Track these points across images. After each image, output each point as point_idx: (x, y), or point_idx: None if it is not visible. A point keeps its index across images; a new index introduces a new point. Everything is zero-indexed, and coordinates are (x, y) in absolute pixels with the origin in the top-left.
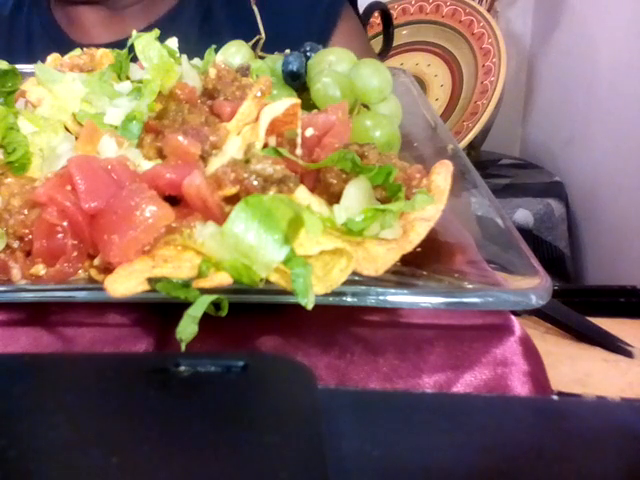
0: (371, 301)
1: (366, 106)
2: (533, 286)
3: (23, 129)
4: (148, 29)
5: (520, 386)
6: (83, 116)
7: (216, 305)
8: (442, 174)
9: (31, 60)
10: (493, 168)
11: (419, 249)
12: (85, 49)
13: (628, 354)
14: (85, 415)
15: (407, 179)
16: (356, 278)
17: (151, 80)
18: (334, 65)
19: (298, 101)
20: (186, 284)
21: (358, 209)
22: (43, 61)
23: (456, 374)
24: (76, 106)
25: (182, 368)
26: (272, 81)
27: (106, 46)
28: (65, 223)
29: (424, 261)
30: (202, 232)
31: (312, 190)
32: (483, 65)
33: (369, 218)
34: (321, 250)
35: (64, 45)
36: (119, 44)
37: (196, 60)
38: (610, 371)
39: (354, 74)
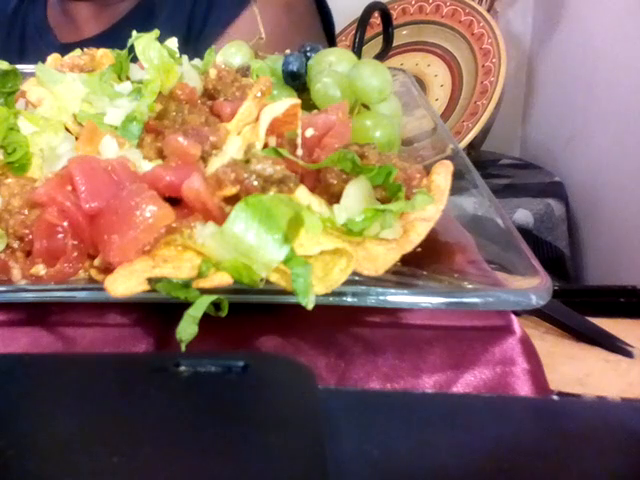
0: (371, 301)
1: (366, 106)
2: (533, 286)
3: (23, 129)
4: (134, 11)
5: (520, 386)
6: (83, 116)
7: (216, 305)
8: (442, 174)
9: (23, 61)
10: (493, 168)
11: (419, 249)
12: (85, 49)
13: (628, 354)
14: (85, 415)
15: (407, 179)
16: (356, 278)
17: (151, 80)
18: (334, 65)
19: (298, 101)
20: (186, 284)
21: (358, 209)
22: (33, 62)
23: (456, 374)
24: (76, 106)
25: (182, 368)
26: (272, 81)
27: (96, 38)
28: (65, 223)
29: (424, 261)
30: (202, 232)
31: (312, 190)
32: (483, 65)
33: (369, 218)
34: (321, 250)
35: (52, 47)
36: (107, 33)
37: (196, 60)
38: (610, 371)
39: (354, 74)
